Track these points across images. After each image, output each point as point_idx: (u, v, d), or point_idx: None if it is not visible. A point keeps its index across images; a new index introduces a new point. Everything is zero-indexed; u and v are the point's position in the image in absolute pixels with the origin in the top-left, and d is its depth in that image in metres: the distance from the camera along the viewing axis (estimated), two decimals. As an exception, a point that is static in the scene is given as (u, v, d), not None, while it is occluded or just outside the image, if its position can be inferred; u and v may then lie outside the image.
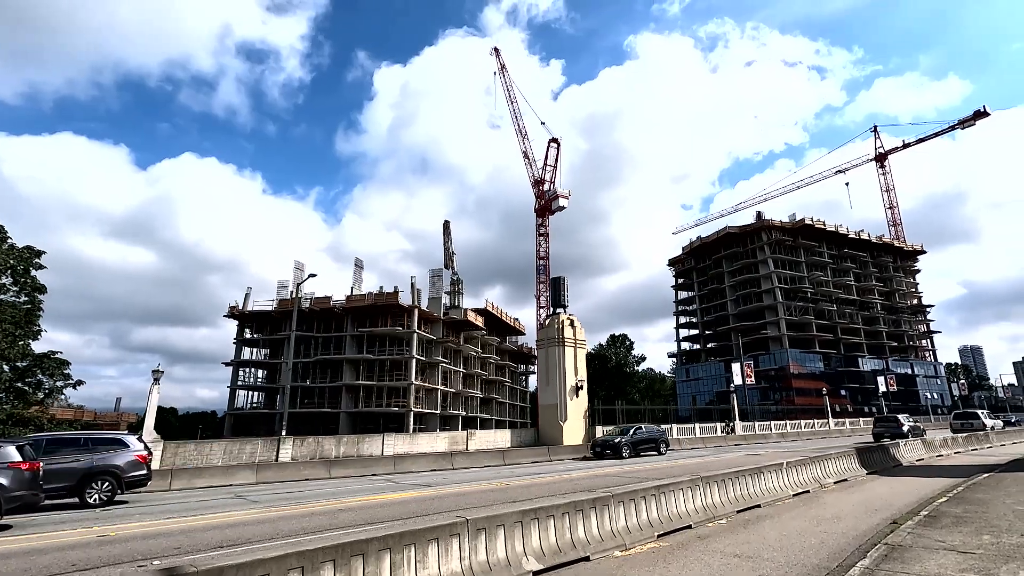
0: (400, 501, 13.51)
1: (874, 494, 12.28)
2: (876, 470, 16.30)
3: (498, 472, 21.29)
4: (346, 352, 65.38)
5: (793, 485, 12.38)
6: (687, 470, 18.44)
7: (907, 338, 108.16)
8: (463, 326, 75.82)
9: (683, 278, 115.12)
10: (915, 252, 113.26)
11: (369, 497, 14.46)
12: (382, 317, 66.00)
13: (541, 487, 15.21)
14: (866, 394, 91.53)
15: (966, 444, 24.93)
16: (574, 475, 18.56)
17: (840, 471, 14.70)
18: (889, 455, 18.02)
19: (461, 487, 16.13)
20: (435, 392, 68.08)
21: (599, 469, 20.25)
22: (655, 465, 21.41)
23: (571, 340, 39.56)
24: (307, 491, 16.43)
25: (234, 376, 68.91)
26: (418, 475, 21.24)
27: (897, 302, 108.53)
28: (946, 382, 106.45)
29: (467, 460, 25.83)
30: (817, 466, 13.81)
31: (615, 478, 16.91)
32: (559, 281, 41.54)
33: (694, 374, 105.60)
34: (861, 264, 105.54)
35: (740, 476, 10.91)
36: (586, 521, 7.41)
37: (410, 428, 60.26)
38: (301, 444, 29.46)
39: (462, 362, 77.24)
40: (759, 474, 11.45)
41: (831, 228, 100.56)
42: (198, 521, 10.92)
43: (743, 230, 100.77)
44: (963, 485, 12.29)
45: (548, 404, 38.88)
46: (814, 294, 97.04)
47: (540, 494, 13.65)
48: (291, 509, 12.42)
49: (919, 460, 19.65)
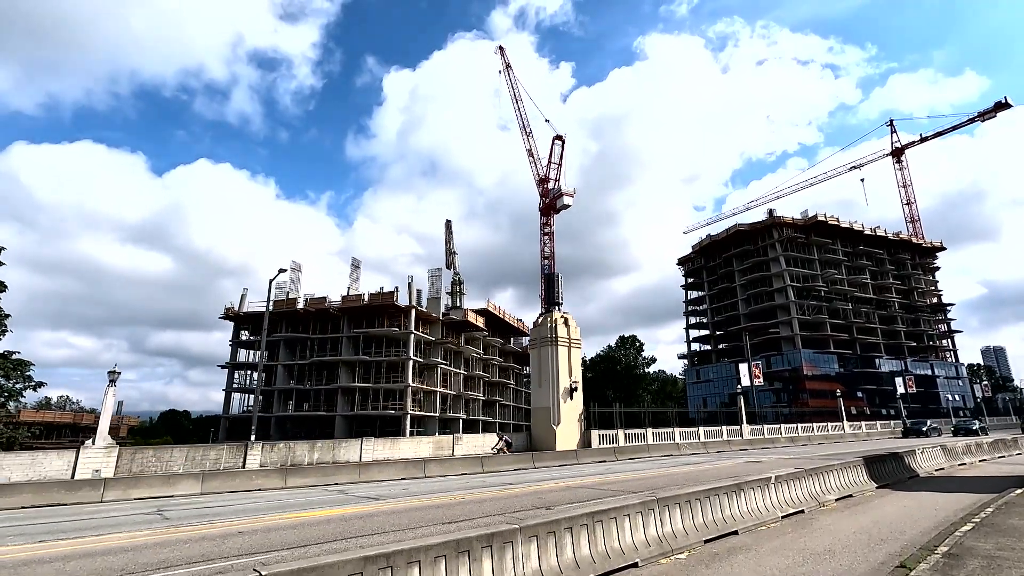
0: (326, 520, 11.67)
1: (882, 516, 10.17)
2: (888, 483, 14.12)
3: (467, 482, 19.38)
4: (342, 354, 63.84)
5: (783, 504, 10.31)
6: (672, 480, 16.39)
7: (927, 338, 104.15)
8: (464, 327, 74.02)
9: (693, 277, 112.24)
10: (934, 249, 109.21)
11: (300, 514, 12.66)
12: (379, 318, 64.41)
13: (494, 503, 13.27)
14: (884, 396, 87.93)
15: (992, 451, 22.50)
16: (545, 487, 16.59)
17: (844, 485, 12.56)
18: (904, 465, 15.79)
19: (412, 501, 14.26)
20: (434, 394, 66.29)
21: (576, 479, 18.25)
22: (640, 474, 19.35)
23: (565, 339, 37.50)
24: (241, 504, 14.67)
25: (229, 378, 67.73)
26: (380, 485, 19.40)
27: (916, 301, 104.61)
28: (968, 383, 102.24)
29: (442, 468, 23.94)
30: (815, 480, 11.71)
31: (587, 490, 14.92)
32: (553, 278, 39.56)
33: (704, 376, 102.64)
34: (877, 262, 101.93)
35: (713, 495, 8.90)
36: (475, 567, 5.48)
37: (406, 431, 58.51)
38: (271, 450, 27.83)
39: (463, 364, 75.39)
40: (738, 492, 9.41)
41: (845, 224, 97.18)
42: (60, 548, 9.17)
43: (753, 228, 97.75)
44: (992, 506, 10.14)
45: (541, 407, 36.87)
46: (828, 292, 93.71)
47: (488, 512, 11.74)
48: (192, 530, 10.64)
49: (938, 470, 17.36)
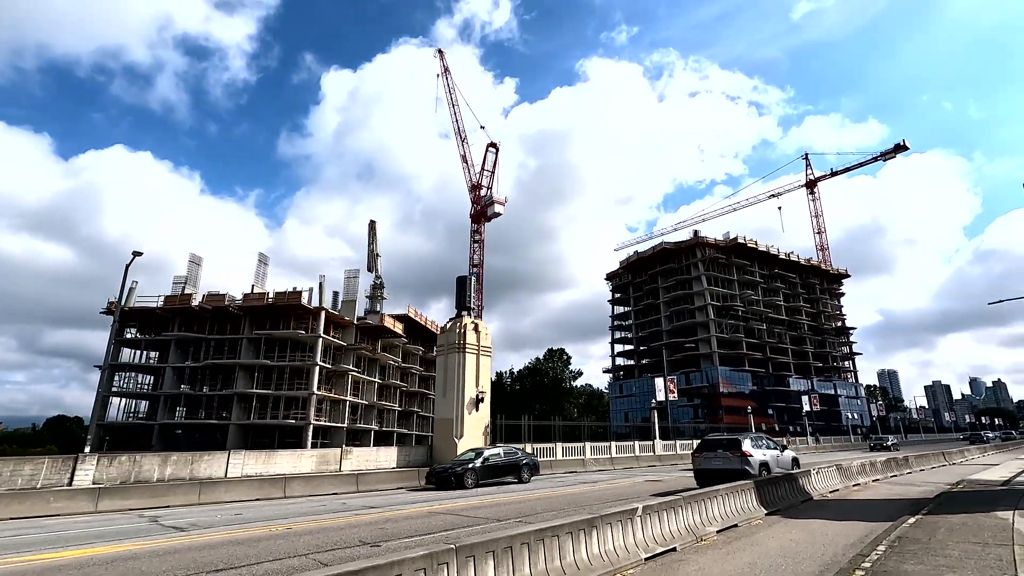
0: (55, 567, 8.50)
1: (763, 554, 8.35)
2: (779, 508, 12.59)
3: (326, 505, 16.36)
4: (241, 357, 58.15)
5: (649, 543, 8.27)
6: (550, 505, 14.21)
7: (831, 359, 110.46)
8: (381, 333, 70.03)
9: (620, 293, 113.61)
10: (840, 275, 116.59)
11: (44, 555, 9.36)
12: (284, 319, 59.36)
13: (322, 535, 10.42)
14: (792, 413, 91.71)
15: (885, 470, 22.14)
16: (404, 512, 13.94)
17: (729, 513, 10.80)
18: (798, 487, 14.46)
19: (223, 533, 11.17)
20: (342, 404, 61.78)
21: (445, 503, 15.74)
22: (520, 496, 17.11)
23: (474, 346, 35.05)
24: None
25: (108, 381, 59.94)
26: (215, 509, 16.04)
27: (823, 324, 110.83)
28: (865, 403, 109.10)
29: (307, 487, 20.70)
30: (695, 508, 9.83)
31: (447, 517, 12.42)
32: (465, 281, 37.05)
33: (627, 390, 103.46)
34: (790, 285, 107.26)
35: (551, 536, 6.67)
36: None
37: (308, 443, 53.78)
38: (110, 464, 23.40)
39: (378, 372, 71.24)
40: (590, 530, 7.24)
41: (763, 248, 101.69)
42: None
43: (678, 246, 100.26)
44: (885, 541, 8.57)
45: (444, 418, 34.05)
46: (745, 312, 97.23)
47: (299, 551, 8.99)
48: None
49: (833, 492, 16.29)
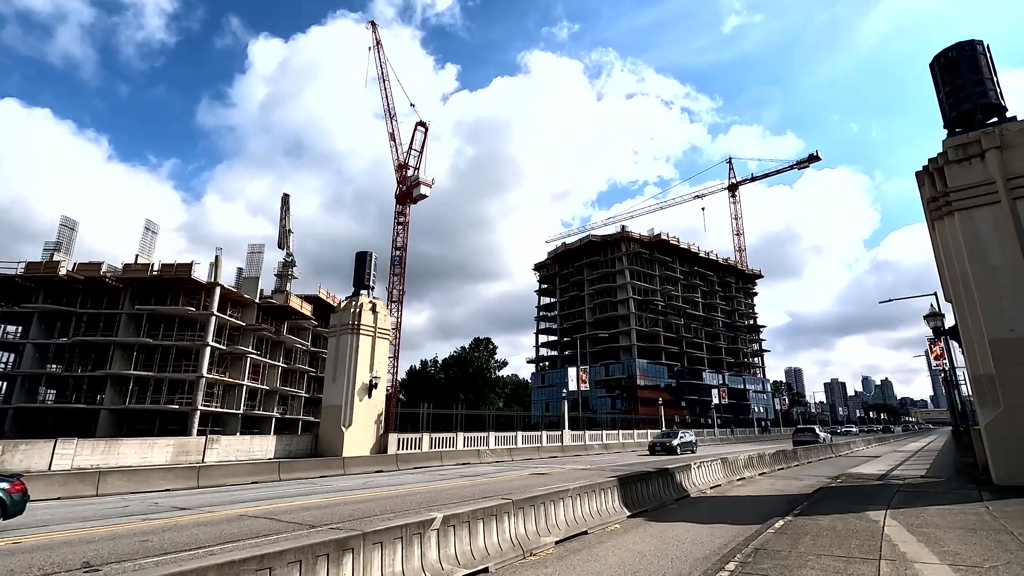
0: None
1: (592, 574, 6.59)
2: (646, 509, 11.13)
3: (118, 508, 13.34)
4: (119, 334, 51.87)
5: (445, 564, 6.31)
6: (402, 504, 12.09)
7: (742, 355, 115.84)
8: (288, 314, 65.17)
9: (547, 284, 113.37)
10: (755, 276, 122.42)
11: None
12: (173, 294, 53.56)
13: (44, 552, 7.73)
14: (704, 406, 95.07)
15: (773, 463, 21.79)
16: (217, 514, 11.34)
17: (579, 519, 9.10)
18: (673, 484, 13.15)
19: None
20: (238, 388, 56.83)
21: (281, 503, 13.24)
22: (382, 492, 14.85)
23: (370, 328, 32.29)
24: None
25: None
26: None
27: (736, 321, 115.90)
28: (771, 397, 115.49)
29: (130, 482, 17.36)
30: (531, 514, 8.00)
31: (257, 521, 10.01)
32: (365, 257, 34.07)
33: (549, 380, 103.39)
34: (708, 283, 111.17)
35: (293, 564, 4.50)
36: None
37: (193, 430, 48.81)
38: None
39: (283, 355, 66.40)
40: (357, 552, 5.14)
41: (684, 245, 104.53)
42: None
43: (605, 239, 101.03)
44: (740, 555, 7.08)
45: (332, 405, 31.15)
46: (665, 307, 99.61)
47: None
48: None
49: (714, 487, 15.23)
